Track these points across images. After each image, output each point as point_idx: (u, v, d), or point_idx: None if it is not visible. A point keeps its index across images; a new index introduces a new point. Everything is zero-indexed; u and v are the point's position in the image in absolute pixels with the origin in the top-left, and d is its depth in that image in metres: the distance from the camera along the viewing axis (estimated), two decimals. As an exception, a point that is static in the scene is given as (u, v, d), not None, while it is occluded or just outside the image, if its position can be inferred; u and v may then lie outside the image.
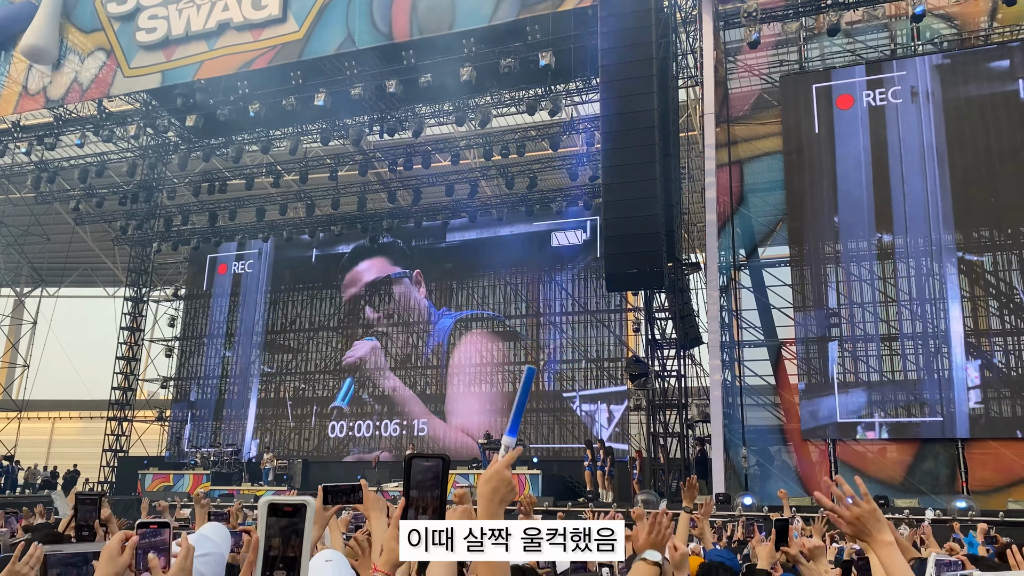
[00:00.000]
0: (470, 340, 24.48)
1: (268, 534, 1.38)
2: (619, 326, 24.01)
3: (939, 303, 17.66)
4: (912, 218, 18.11)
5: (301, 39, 20.41)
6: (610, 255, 16.76)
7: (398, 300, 25.27)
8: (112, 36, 22.28)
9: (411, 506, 1.78)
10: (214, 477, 21.90)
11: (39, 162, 25.95)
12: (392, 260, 26.10)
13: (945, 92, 18.14)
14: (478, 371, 24.23)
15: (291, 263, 28.03)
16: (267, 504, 1.40)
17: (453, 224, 25.71)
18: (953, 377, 17.17)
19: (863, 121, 18.85)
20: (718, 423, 17.42)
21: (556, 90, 21.18)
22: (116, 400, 27.26)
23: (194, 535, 2.42)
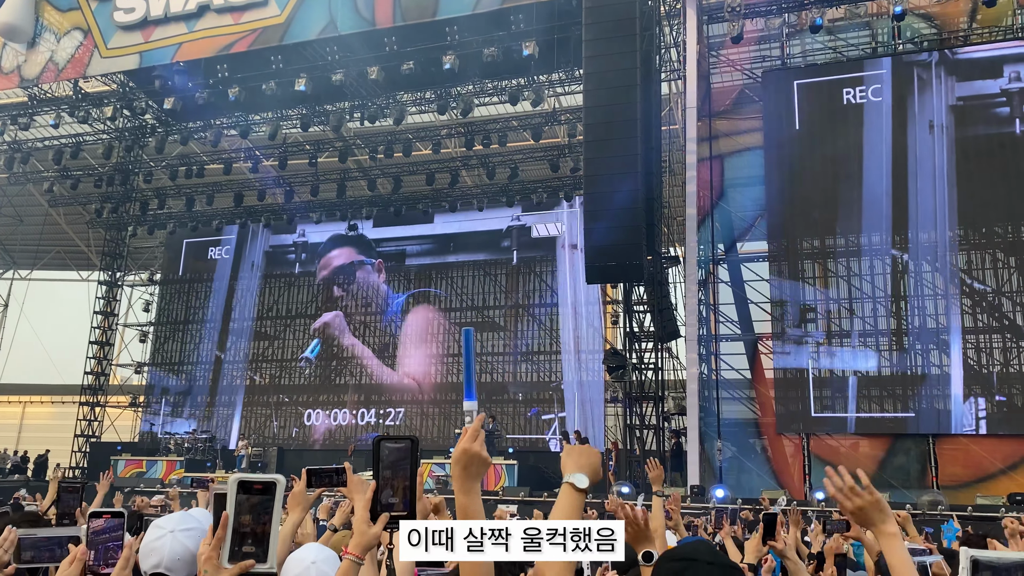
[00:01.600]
0: (417, 311, 25.88)
1: (238, 511, 1.39)
2: (597, 318, 24.08)
3: (916, 300, 17.88)
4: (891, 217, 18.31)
5: (283, 23, 20.21)
6: (591, 248, 16.78)
7: (359, 283, 26.75)
8: (89, 15, 21.93)
9: (383, 487, 1.77)
10: (188, 464, 21.72)
11: (12, 142, 25.54)
12: (359, 250, 26.87)
13: (958, 131, 18.32)
14: (423, 333, 25.50)
15: (276, 270, 28.09)
16: (237, 481, 1.40)
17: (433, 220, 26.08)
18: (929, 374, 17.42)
19: (843, 118, 18.99)
20: (694, 416, 17.54)
21: (539, 80, 21.14)
22: (89, 385, 26.95)
23: (177, 513, 2.44)
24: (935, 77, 18.73)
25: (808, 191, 19.05)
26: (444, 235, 25.94)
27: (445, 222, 25.77)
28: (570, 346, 23.74)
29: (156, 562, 2.24)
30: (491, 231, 25.28)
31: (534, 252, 24.93)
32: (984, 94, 18.63)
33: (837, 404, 18.05)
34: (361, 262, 26.59)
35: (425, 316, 25.66)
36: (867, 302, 18.21)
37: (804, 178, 19.13)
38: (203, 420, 26.61)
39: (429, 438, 23.92)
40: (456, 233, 25.73)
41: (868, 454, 17.83)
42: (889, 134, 18.59)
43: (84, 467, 25.50)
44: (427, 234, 26.16)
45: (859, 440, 18.07)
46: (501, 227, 25.17)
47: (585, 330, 23.70)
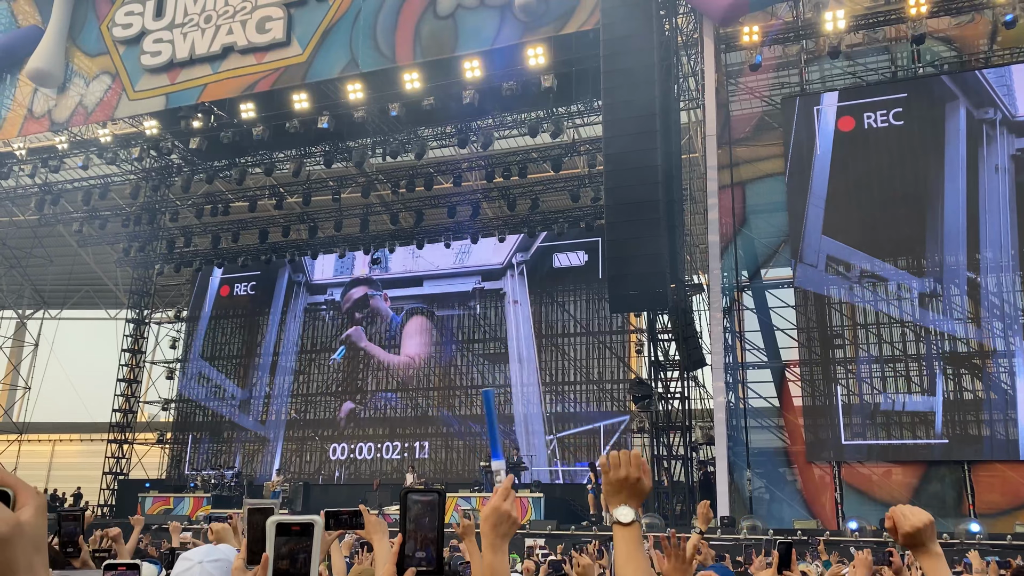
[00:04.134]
0: (411, 321, 27.80)
1: (277, 554, 1.38)
2: (621, 348, 23.98)
3: (944, 324, 17.63)
4: (917, 241, 18.13)
5: (304, 62, 20.54)
6: (613, 276, 16.75)
7: (372, 310, 28.47)
8: (117, 59, 22.45)
9: (409, 539, 1.76)
10: (214, 500, 21.74)
11: (43, 184, 26.06)
12: (370, 287, 28.61)
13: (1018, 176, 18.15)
14: (417, 329, 27.34)
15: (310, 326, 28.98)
16: (275, 524, 1.39)
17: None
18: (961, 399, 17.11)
19: (864, 143, 18.91)
20: (722, 445, 17.31)
21: (558, 112, 21.28)
22: (116, 423, 27.16)
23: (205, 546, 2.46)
24: (999, 134, 18.65)
25: (831, 216, 18.91)
26: (429, 295, 27.80)
27: (431, 286, 27.81)
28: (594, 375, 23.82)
29: None
30: (460, 292, 27.15)
31: (555, 282, 25.60)
32: None
33: (867, 431, 17.75)
34: (372, 294, 28.52)
35: (418, 322, 27.83)
36: (897, 327, 17.97)
37: (828, 204, 19.01)
38: (229, 456, 26.69)
39: (454, 471, 23.84)
40: (437, 293, 27.58)
41: (901, 482, 17.47)
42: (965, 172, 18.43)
43: (112, 504, 25.62)
44: (415, 294, 27.97)
45: (891, 468, 17.72)
46: (468, 288, 26.92)
47: (609, 359, 23.74)
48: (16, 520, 0.88)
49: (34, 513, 0.91)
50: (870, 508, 16.93)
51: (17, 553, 0.87)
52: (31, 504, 0.92)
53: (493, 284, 27.63)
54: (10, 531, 0.87)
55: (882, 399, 17.75)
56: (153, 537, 16.56)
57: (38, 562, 0.90)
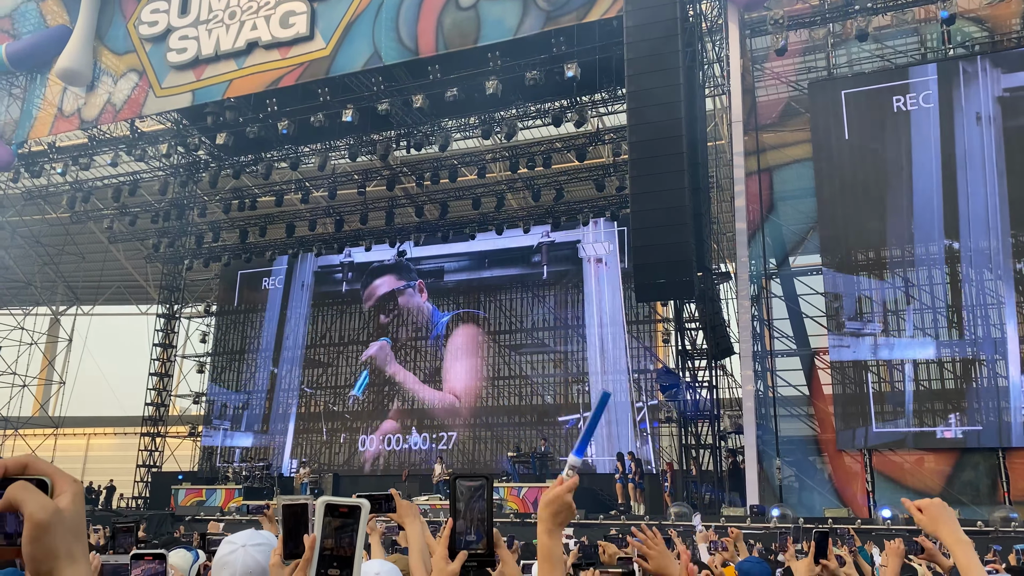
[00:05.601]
0: (460, 330, 26.37)
1: (323, 534, 1.40)
2: (648, 337, 23.88)
3: (978, 309, 17.35)
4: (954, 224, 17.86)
5: (328, 56, 20.63)
6: (639, 265, 16.68)
7: (402, 307, 27.43)
8: (144, 57, 22.69)
9: (459, 519, 1.79)
10: (246, 492, 22.03)
11: (74, 182, 26.44)
12: (399, 275, 27.56)
13: (1005, 120, 17.93)
14: (466, 350, 25.98)
15: (325, 289, 28.74)
16: (325, 504, 1.41)
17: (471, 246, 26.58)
18: (996, 385, 16.86)
19: (894, 126, 18.64)
20: (751, 434, 17.21)
21: (582, 101, 21.19)
22: (149, 416, 27.57)
23: (248, 530, 2.51)
24: (980, 70, 18.30)
25: (861, 201, 18.67)
26: (480, 252, 26.45)
27: (482, 239, 26.25)
28: (597, 367, 23.61)
29: (229, 575, 2.32)
30: (523, 247, 25.75)
31: (563, 266, 25.28)
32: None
33: (899, 418, 17.54)
34: (402, 288, 27.29)
35: (468, 334, 26.09)
36: (927, 313, 17.72)
37: (856, 189, 18.77)
38: (260, 447, 26.98)
39: (482, 462, 23.92)
40: (491, 250, 26.19)
41: (934, 469, 17.26)
42: (937, 133, 18.22)
43: (146, 497, 26.03)
44: (464, 251, 26.67)
45: (924, 455, 17.51)
46: (532, 243, 25.63)
47: (611, 351, 23.54)
48: (55, 507, 0.90)
49: (72, 500, 0.92)
50: (902, 495, 16.69)
51: (57, 539, 0.89)
52: (69, 491, 0.93)
53: (566, 235, 24.87)
54: (49, 518, 0.88)
55: (914, 386, 17.52)
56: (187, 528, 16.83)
57: (77, 548, 0.91)
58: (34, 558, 0.87)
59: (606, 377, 23.44)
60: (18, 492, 0.88)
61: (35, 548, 0.87)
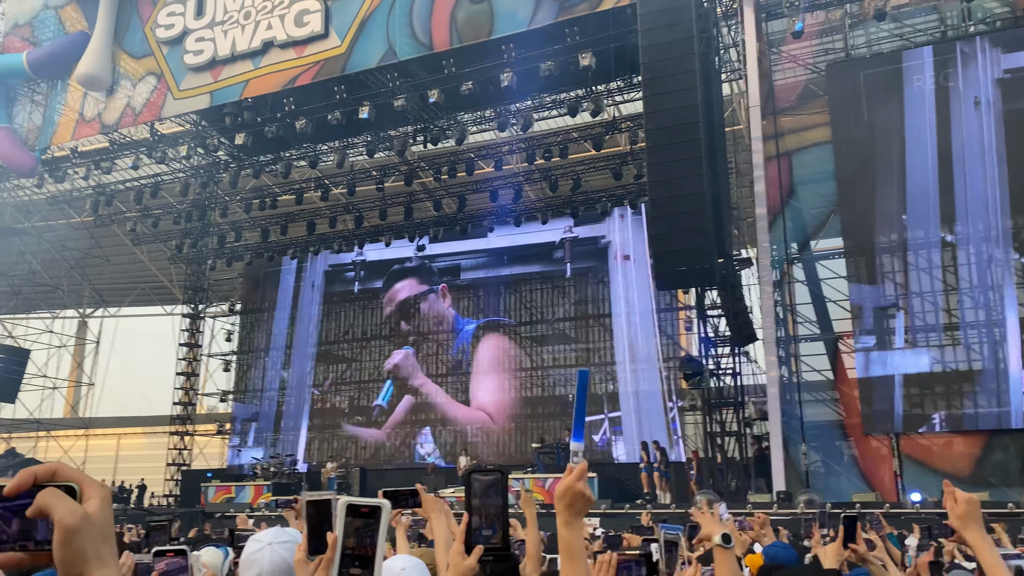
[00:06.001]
0: (488, 340, 26.03)
1: (345, 533, 1.43)
2: (670, 325, 23.81)
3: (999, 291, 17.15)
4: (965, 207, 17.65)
5: (343, 53, 20.70)
6: (659, 253, 16.62)
7: (424, 314, 27.23)
8: (161, 60, 22.89)
9: (474, 517, 1.81)
10: (274, 488, 22.24)
11: (96, 186, 26.76)
12: (421, 279, 27.50)
13: (1005, 104, 17.66)
14: (494, 363, 25.65)
15: (338, 288, 28.88)
16: (346, 504, 1.44)
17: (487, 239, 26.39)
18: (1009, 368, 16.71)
19: (912, 107, 18.41)
20: (776, 420, 17.13)
21: (597, 90, 21.10)
22: (178, 415, 27.91)
23: (274, 527, 2.55)
24: (979, 51, 17.99)
25: (880, 184, 18.48)
26: (499, 249, 26.29)
27: (499, 235, 26.09)
28: (625, 358, 23.53)
29: (256, 573, 2.35)
30: (544, 243, 25.51)
31: (587, 263, 25.12)
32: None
33: (926, 401, 17.38)
34: (425, 292, 27.10)
35: (496, 345, 25.75)
36: (953, 295, 17.54)
37: (876, 170, 18.57)
38: (284, 444, 27.24)
39: (507, 453, 23.99)
40: (510, 247, 25.96)
41: (963, 452, 17.09)
42: (933, 118, 17.97)
43: (177, 495, 26.38)
44: (482, 248, 26.53)
45: (953, 438, 17.34)
46: (554, 239, 25.40)
47: (640, 343, 23.47)
48: (83, 512, 0.93)
49: (100, 505, 0.95)
50: (931, 479, 16.61)
51: (86, 543, 0.92)
52: (96, 497, 0.96)
53: (590, 229, 24.57)
54: (78, 522, 0.91)
55: (940, 368, 17.35)
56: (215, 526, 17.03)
57: (106, 551, 0.94)
58: (65, 562, 0.90)
59: (635, 367, 23.35)
60: (48, 498, 0.91)
61: (66, 552, 0.90)
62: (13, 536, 0.92)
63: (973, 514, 2.19)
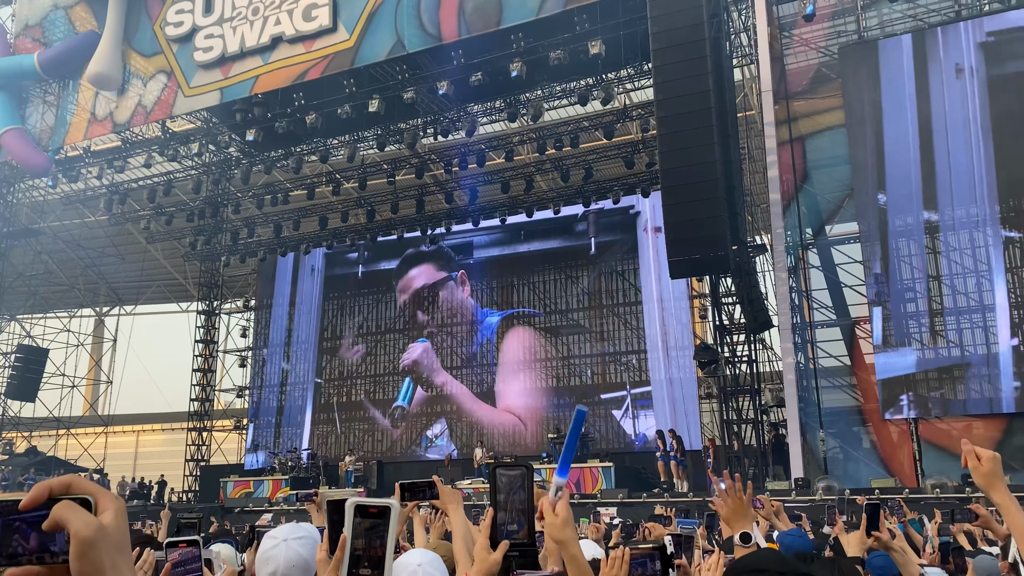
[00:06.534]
0: (514, 335, 25.40)
1: (354, 534, 1.42)
2: (685, 313, 23.70)
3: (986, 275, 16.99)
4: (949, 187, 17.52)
5: (352, 47, 20.66)
6: (672, 241, 16.52)
7: (442, 304, 26.59)
8: (171, 58, 22.94)
9: (500, 510, 1.80)
10: (292, 482, 22.37)
11: (110, 185, 26.89)
12: (438, 265, 27.03)
13: (989, 69, 17.40)
14: (523, 362, 25.06)
15: (340, 279, 28.90)
16: (354, 505, 1.44)
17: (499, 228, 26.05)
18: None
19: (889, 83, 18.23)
20: (793, 407, 17.04)
21: (608, 79, 20.98)
22: (195, 411, 28.09)
23: (289, 524, 2.55)
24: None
25: (892, 167, 18.28)
26: (513, 224, 25.78)
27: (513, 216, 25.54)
28: (657, 342, 23.37)
29: (272, 570, 2.35)
30: (565, 216, 24.94)
31: (613, 236, 24.67)
32: (1020, 26, 17.51)
33: (945, 384, 17.24)
34: (444, 280, 26.65)
35: (522, 340, 25.13)
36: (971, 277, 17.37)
37: (889, 154, 18.37)
38: (296, 439, 27.36)
39: (522, 444, 23.99)
40: (527, 221, 25.40)
41: (983, 435, 16.93)
42: (913, 90, 17.72)
43: (196, 490, 26.57)
44: (495, 224, 26.12)
45: (972, 421, 17.19)
46: (576, 211, 24.87)
47: (673, 325, 23.33)
48: (99, 523, 0.92)
49: (115, 516, 0.94)
50: (951, 464, 16.47)
51: (102, 555, 0.91)
52: (111, 508, 0.95)
53: (612, 203, 23.20)
54: (94, 534, 0.90)
55: (959, 351, 17.19)
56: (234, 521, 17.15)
57: (122, 562, 0.93)
58: (82, 573, 0.90)
59: (669, 353, 23.05)
60: (63, 511, 0.91)
61: (82, 564, 0.89)
62: (31, 550, 0.92)
63: (998, 472, 2.16)
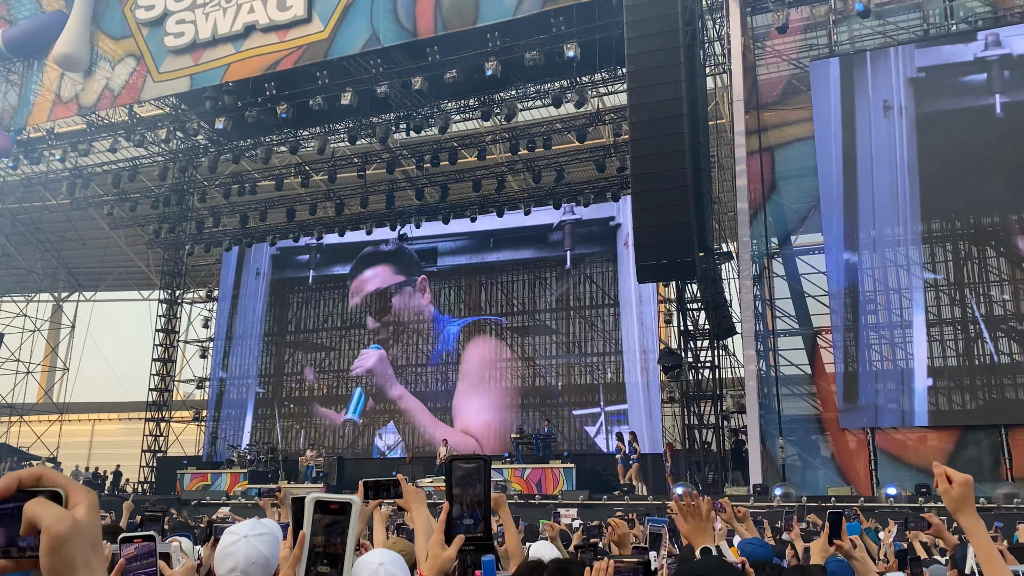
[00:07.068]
0: (477, 345, 24.63)
1: (313, 530, 1.39)
2: (650, 318, 23.83)
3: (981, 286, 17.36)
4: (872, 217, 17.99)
5: (326, 39, 20.48)
6: (641, 246, 16.62)
7: (397, 310, 25.80)
8: (141, 42, 22.55)
9: (455, 505, 1.76)
10: (251, 475, 22.12)
11: (73, 168, 26.37)
12: (397, 268, 26.37)
13: (919, 106, 17.72)
14: (486, 374, 24.37)
15: (291, 281, 28.54)
16: (314, 501, 1.40)
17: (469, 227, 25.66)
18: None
19: (820, 112, 18.67)
20: (754, 414, 17.24)
21: (582, 82, 21.05)
22: (153, 401, 27.65)
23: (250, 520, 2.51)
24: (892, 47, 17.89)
25: (859, 181, 18.57)
26: (483, 232, 25.34)
27: (486, 217, 25.13)
28: (634, 350, 23.39)
29: (232, 566, 2.32)
30: (539, 225, 24.62)
31: (591, 248, 24.58)
32: (953, 63, 17.75)
33: (902, 396, 17.56)
34: (400, 284, 25.92)
35: (485, 351, 24.34)
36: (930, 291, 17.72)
37: (855, 168, 18.68)
38: (262, 432, 27.07)
39: (486, 444, 23.95)
40: (497, 229, 24.99)
41: (937, 447, 17.29)
42: (839, 123, 17.96)
43: (152, 481, 26.16)
44: (463, 231, 25.59)
45: (927, 433, 17.54)
46: (551, 220, 24.55)
47: (641, 330, 23.44)
48: (72, 519, 0.89)
49: (87, 511, 0.92)
50: (905, 474, 16.81)
51: (75, 551, 0.88)
52: (84, 502, 0.92)
53: (594, 211, 22.79)
54: (67, 530, 0.88)
55: (916, 364, 17.52)
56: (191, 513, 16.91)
57: (95, 559, 0.91)
58: (53, 570, 0.87)
59: (637, 357, 23.06)
60: (35, 508, 0.88)
61: (53, 560, 0.87)
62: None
63: (968, 497, 2.15)
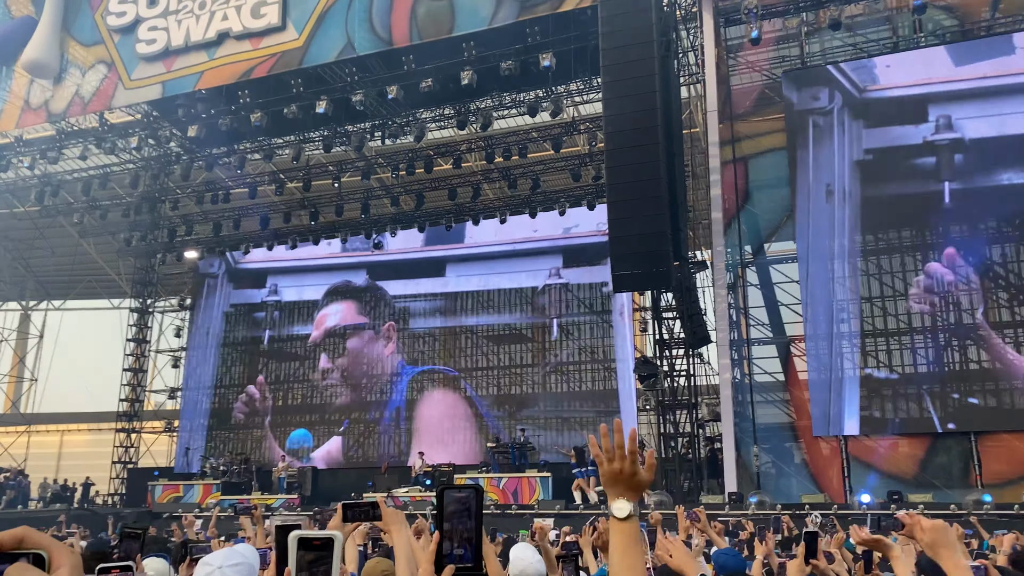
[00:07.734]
0: (431, 398, 24.07)
1: (297, 566, 1.40)
2: (626, 326, 23.91)
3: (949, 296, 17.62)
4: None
5: (301, 47, 20.39)
6: (616, 255, 16.69)
7: (350, 353, 25.26)
8: (112, 49, 22.30)
9: (446, 538, 1.73)
10: (224, 487, 21.86)
11: (42, 176, 25.98)
12: (361, 308, 25.83)
13: (864, 190, 17.88)
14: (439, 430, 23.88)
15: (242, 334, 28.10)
16: (296, 538, 1.41)
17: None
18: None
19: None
20: (729, 422, 17.36)
21: (557, 91, 21.14)
22: (124, 412, 27.25)
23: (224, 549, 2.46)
24: (836, 124, 17.85)
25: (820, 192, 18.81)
26: (459, 293, 24.87)
27: (459, 275, 24.45)
28: (628, 355, 23.23)
29: None
30: (522, 288, 24.03)
31: (580, 317, 23.77)
32: (901, 145, 17.63)
33: (873, 404, 17.77)
34: (359, 327, 25.37)
35: (443, 407, 23.92)
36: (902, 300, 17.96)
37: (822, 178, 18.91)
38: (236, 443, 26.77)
39: (461, 453, 23.87)
40: (476, 291, 24.59)
41: (908, 454, 17.51)
42: None
43: (123, 493, 25.76)
44: (439, 291, 24.94)
45: (898, 440, 17.75)
46: (536, 284, 24.09)
47: (613, 338, 23.53)
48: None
49: (70, 573, 0.88)
50: (877, 481, 17.00)
51: None
52: (67, 565, 0.88)
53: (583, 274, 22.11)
54: None
55: (887, 372, 17.74)
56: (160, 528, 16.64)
57: None
58: None
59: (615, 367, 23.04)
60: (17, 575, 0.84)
61: None
62: None
63: (941, 540, 2.16)
